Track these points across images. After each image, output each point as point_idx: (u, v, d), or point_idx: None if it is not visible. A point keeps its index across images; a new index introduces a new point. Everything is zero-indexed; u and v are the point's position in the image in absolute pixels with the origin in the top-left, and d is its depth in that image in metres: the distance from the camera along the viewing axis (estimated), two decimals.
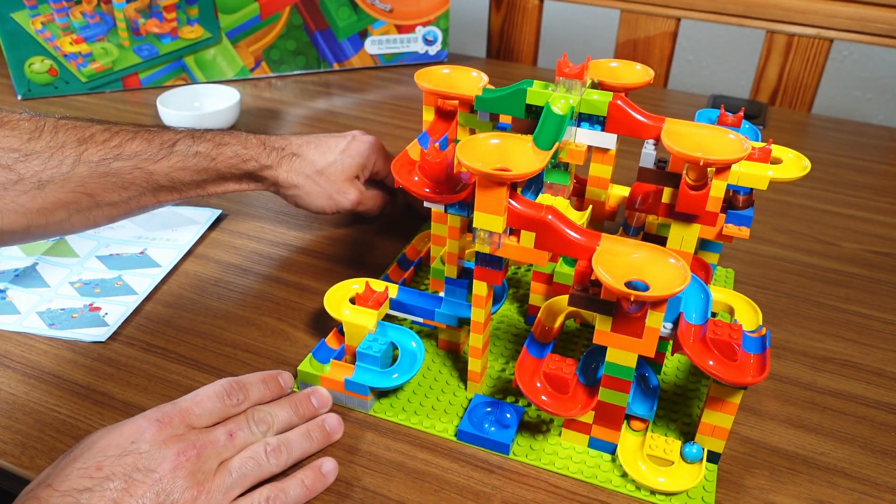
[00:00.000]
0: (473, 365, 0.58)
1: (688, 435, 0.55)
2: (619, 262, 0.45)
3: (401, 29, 1.24)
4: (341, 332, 0.60)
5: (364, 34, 1.23)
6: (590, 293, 0.47)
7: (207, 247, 0.77)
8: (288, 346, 0.63)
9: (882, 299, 0.72)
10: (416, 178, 0.54)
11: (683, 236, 0.54)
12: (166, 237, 0.77)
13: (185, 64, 1.16)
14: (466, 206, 0.53)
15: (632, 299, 0.44)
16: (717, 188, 0.52)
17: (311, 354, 0.59)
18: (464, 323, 0.60)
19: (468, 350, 0.57)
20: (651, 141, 0.56)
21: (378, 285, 0.60)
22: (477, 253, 0.51)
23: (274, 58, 1.20)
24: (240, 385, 0.52)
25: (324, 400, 0.56)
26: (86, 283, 0.70)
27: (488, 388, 0.60)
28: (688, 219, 0.53)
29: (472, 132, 0.63)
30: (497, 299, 0.66)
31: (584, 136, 0.57)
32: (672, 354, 0.57)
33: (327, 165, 0.71)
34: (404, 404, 0.58)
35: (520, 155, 0.49)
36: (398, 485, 0.51)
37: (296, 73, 1.23)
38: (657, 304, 0.44)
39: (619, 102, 0.55)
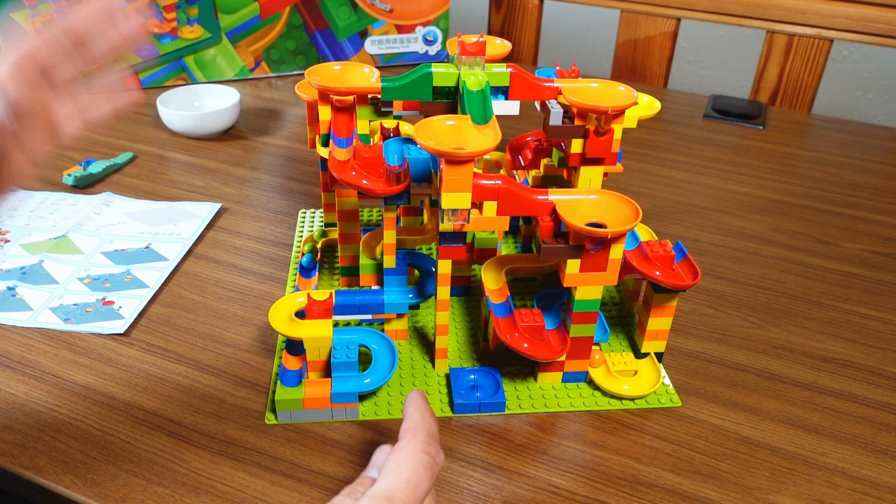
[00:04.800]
0: (441, 343, 0.59)
1: (631, 348, 0.64)
2: (578, 208, 0.52)
3: (401, 29, 1.24)
4: (292, 352, 0.56)
5: (364, 34, 1.23)
6: (558, 243, 0.52)
7: (207, 247, 0.77)
8: None
9: (882, 299, 0.72)
10: (354, 174, 0.56)
11: (591, 178, 0.61)
12: (169, 231, 0.77)
13: (185, 64, 1.16)
14: (405, 195, 0.56)
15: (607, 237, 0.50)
16: (617, 131, 0.59)
17: (278, 382, 0.55)
18: (413, 309, 0.64)
19: (434, 329, 0.60)
20: (553, 101, 0.60)
21: (320, 295, 0.58)
22: (440, 233, 0.53)
23: (274, 58, 1.20)
24: None
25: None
26: (95, 279, 0.70)
27: (450, 363, 0.61)
28: (596, 162, 0.60)
29: (383, 126, 0.69)
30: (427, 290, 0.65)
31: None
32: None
33: None
34: (387, 399, 0.57)
35: (468, 133, 0.51)
36: None
37: (296, 73, 1.23)
38: (615, 238, 0.51)
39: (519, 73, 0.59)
